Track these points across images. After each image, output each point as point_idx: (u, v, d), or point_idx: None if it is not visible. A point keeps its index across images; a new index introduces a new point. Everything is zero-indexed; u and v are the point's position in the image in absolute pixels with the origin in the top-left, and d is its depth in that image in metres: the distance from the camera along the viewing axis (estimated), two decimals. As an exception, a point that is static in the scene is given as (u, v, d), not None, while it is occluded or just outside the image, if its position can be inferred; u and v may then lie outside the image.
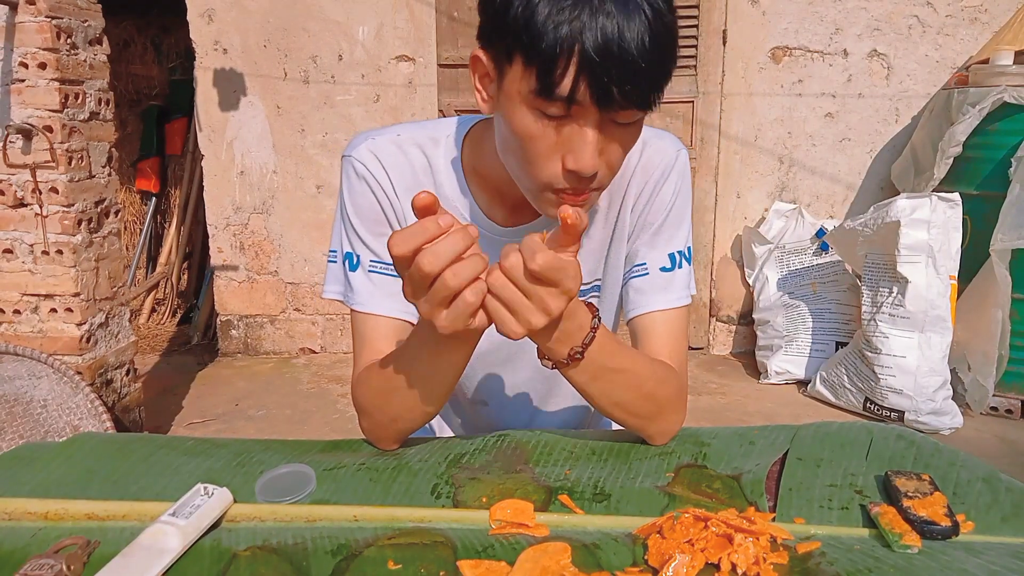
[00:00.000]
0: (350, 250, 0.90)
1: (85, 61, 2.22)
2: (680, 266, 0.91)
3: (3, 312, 2.22)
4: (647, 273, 0.90)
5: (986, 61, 2.83)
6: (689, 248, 0.93)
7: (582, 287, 0.94)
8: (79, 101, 2.20)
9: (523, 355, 1.00)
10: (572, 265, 0.65)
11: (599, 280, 0.95)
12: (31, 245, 2.18)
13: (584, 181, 0.73)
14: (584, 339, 0.73)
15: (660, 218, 0.91)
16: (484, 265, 0.65)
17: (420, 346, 0.77)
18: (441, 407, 0.85)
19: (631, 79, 0.66)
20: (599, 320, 0.75)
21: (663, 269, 0.90)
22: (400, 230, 0.63)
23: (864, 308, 2.85)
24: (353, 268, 0.90)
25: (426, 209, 0.63)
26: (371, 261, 0.90)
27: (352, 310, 0.91)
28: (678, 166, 0.91)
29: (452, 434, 1.13)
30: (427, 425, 1.16)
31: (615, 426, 1.23)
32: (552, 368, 0.77)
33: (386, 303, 0.88)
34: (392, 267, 0.90)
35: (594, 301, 0.96)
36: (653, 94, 0.70)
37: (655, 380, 0.82)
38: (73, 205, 2.17)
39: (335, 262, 0.93)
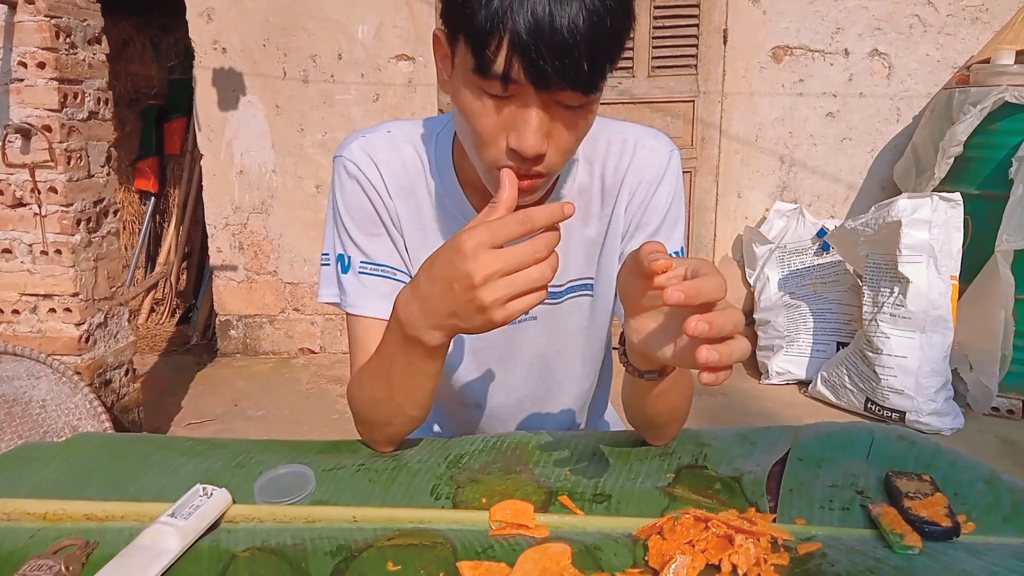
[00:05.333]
0: (342, 252, 0.90)
1: (84, 60, 2.21)
2: None
3: (2, 312, 2.22)
4: None
5: (987, 61, 2.83)
6: (683, 249, 0.93)
7: (574, 283, 0.94)
8: (78, 100, 2.19)
9: (516, 354, 0.99)
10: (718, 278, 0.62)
11: (591, 278, 0.95)
12: (30, 245, 2.18)
13: (528, 162, 0.72)
14: None
15: (657, 220, 0.91)
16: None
17: (393, 357, 0.78)
18: (426, 413, 0.85)
19: (564, 58, 0.65)
20: None
21: None
22: (501, 218, 0.67)
23: (865, 308, 2.85)
24: (345, 270, 0.90)
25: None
26: (361, 262, 0.89)
27: (346, 313, 0.91)
28: (672, 167, 0.91)
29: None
30: (426, 425, 1.16)
31: (613, 426, 1.23)
32: (648, 378, 0.75)
33: (377, 304, 0.88)
34: (383, 268, 0.91)
35: (587, 299, 0.96)
36: (593, 76, 0.68)
37: (689, 379, 0.84)
38: (72, 205, 2.17)
39: (328, 265, 0.92)
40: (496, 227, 0.66)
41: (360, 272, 0.89)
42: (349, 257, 0.89)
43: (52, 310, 2.20)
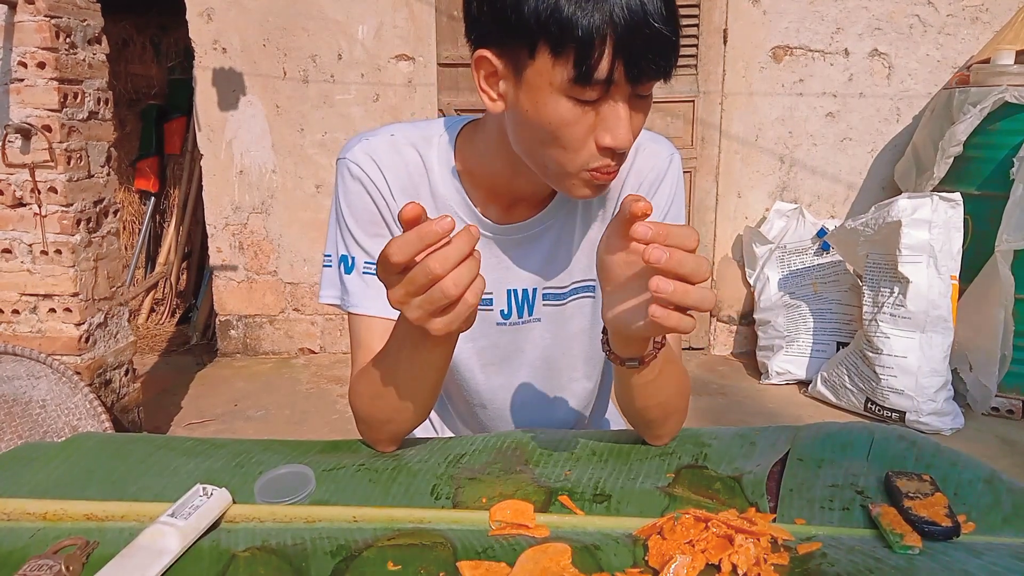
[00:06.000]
0: (345, 253, 0.90)
1: (84, 60, 2.21)
2: None
3: (2, 312, 2.22)
4: None
5: (987, 61, 2.83)
6: None
7: (577, 284, 0.95)
8: (78, 100, 2.19)
9: (521, 355, 0.99)
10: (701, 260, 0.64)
11: (594, 280, 0.95)
12: (30, 245, 2.18)
13: (619, 156, 0.75)
14: None
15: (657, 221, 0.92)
16: (478, 266, 0.64)
17: (399, 350, 0.77)
18: (429, 409, 0.85)
19: (660, 51, 0.69)
20: None
21: None
22: (399, 236, 0.63)
23: (865, 308, 2.85)
24: (348, 271, 0.90)
25: (413, 221, 0.62)
26: (365, 263, 0.89)
27: (348, 313, 0.91)
28: (672, 170, 0.92)
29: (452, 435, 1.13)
30: (430, 425, 1.16)
31: (613, 426, 1.24)
32: (629, 366, 0.77)
33: (380, 303, 0.88)
34: None
35: (587, 301, 0.97)
36: (675, 61, 0.71)
37: (686, 375, 0.86)
38: (72, 205, 2.17)
39: (330, 266, 0.92)
40: (396, 247, 0.63)
41: (364, 272, 0.89)
42: (353, 258, 0.90)
43: (52, 310, 2.20)
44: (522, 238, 0.91)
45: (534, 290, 0.94)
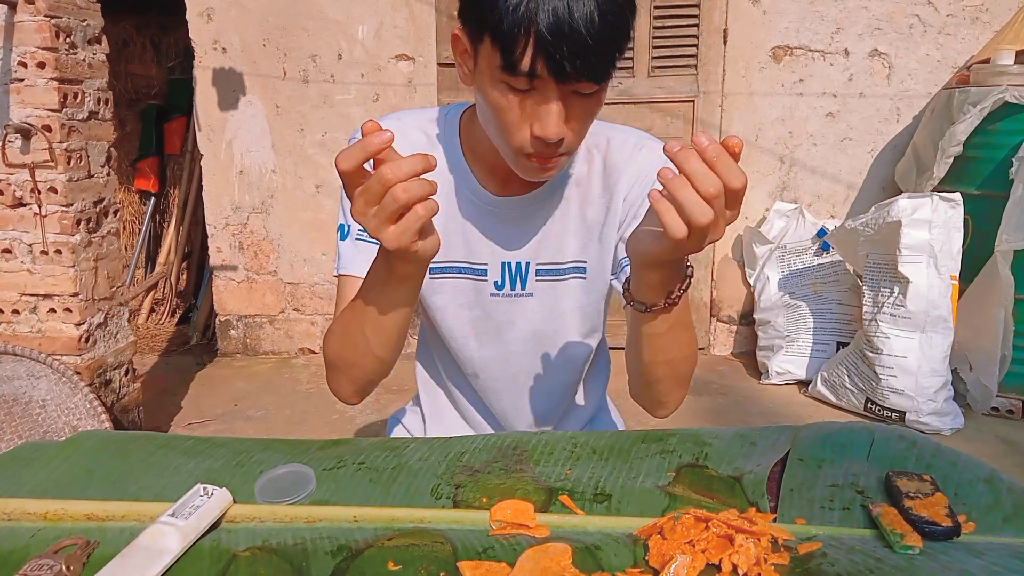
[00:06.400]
0: (343, 222, 0.96)
1: (84, 60, 2.21)
2: None
3: (2, 312, 2.22)
4: None
5: (987, 61, 2.83)
6: None
7: (563, 265, 1.00)
8: (78, 100, 2.19)
9: (513, 327, 1.04)
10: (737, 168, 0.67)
11: (584, 262, 1.00)
12: (30, 245, 2.18)
13: (551, 146, 0.81)
14: (682, 285, 0.78)
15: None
16: (433, 189, 0.69)
17: (369, 290, 0.83)
18: (392, 357, 0.89)
19: (582, 55, 0.74)
20: (692, 270, 0.79)
21: None
22: (345, 148, 0.69)
23: (865, 308, 2.85)
24: (343, 238, 0.96)
25: (369, 132, 0.68)
26: (359, 230, 0.95)
27: (337, 276, 0.96)
28: (663, 160, 0.96)
29: (446, 415, 1.17)
30: (421, 412, 1.17)
31: (613, 426, 1.25)
32: (645, 311, 0.80)
33: (367, 266, 0.92)
34: None
35: (579, 282, 1.01)
36: (606, 67, 0.77)
37: (695, 345, 0.89)
38: (72, 205, 2.17)
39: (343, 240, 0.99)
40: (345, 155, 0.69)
41: (357, 239, 0.95)
42: (349, 226, 0.95)
43: (52, 310, 2.20)
44: (517, 213, 0.97)
45: (527, 264, 0.99)
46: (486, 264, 0.99)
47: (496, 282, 1.00)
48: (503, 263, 0.99)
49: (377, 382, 0.93)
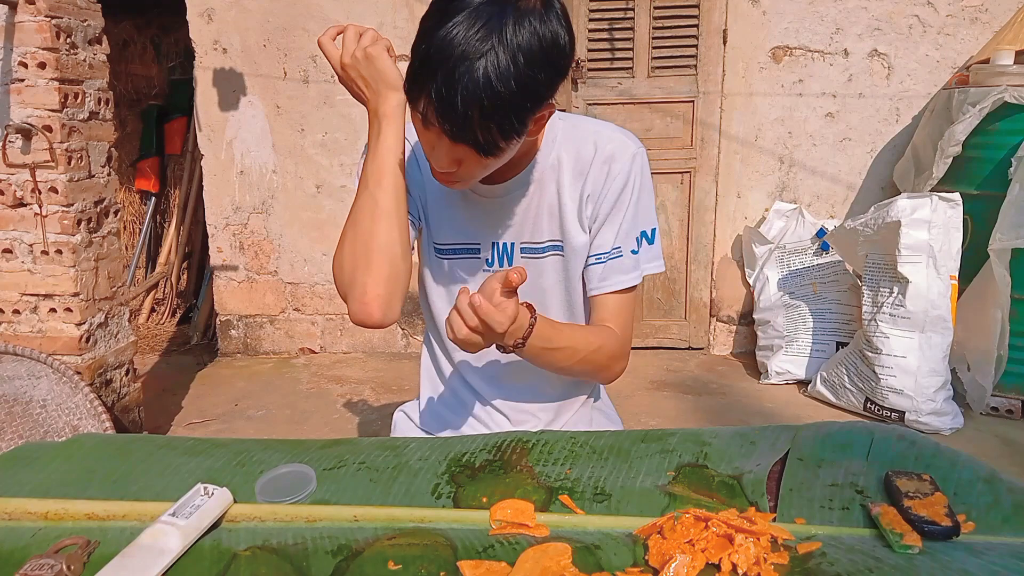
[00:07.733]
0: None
1: (84, 61, 2.21)
2: (634, 253, 1.09)
3: (2, 312, 2.22)
4: (601, 261, 1.09)
5: (986, 61, 2.83)
6: (644, 233, 1.10)
7: (542, 244, 1.12)
8: (78, 101, 2.20)
9: None
10: (502, 312, 0.87)
11: (560, 240, 1.10)
12: (30, 245, 2.18)
13: (444, 174, 0.96)
14: (523, 334, 0.94)
15: (615, 210, 1.07)
16: (384, 44, 1.04)
17: (367, 151, 1.01)
18: (397, 234, 0.99)
19: (462, 128, 0.86)
20: (535, 319, 0.95)
21: (613, 257, 1.08)
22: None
23: (864, 308, 2.85)
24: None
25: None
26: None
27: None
28: (636, 163, 1.06)
29: (443, 396, 1.24)
30: (419, 401, 1.23)
31: (611, 424, 1.26)
32: (505, 352, 0.97)
33: None
34: None
35: (559, 259, 1.11)
36: (487, 144, 0.88)
37: (589, 350, 1.04)
38: (72, 205, 2.17)
39: None
40: None
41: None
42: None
43: (53, 310, 2.20)
44: (501, 200, 1.09)
45: (512, 244, 1.11)
46: (479, 244, 1.12)
47: (487, 259, 1.12)
48: (492, 243, 1.11)
49: (394, 282, 0.99)
